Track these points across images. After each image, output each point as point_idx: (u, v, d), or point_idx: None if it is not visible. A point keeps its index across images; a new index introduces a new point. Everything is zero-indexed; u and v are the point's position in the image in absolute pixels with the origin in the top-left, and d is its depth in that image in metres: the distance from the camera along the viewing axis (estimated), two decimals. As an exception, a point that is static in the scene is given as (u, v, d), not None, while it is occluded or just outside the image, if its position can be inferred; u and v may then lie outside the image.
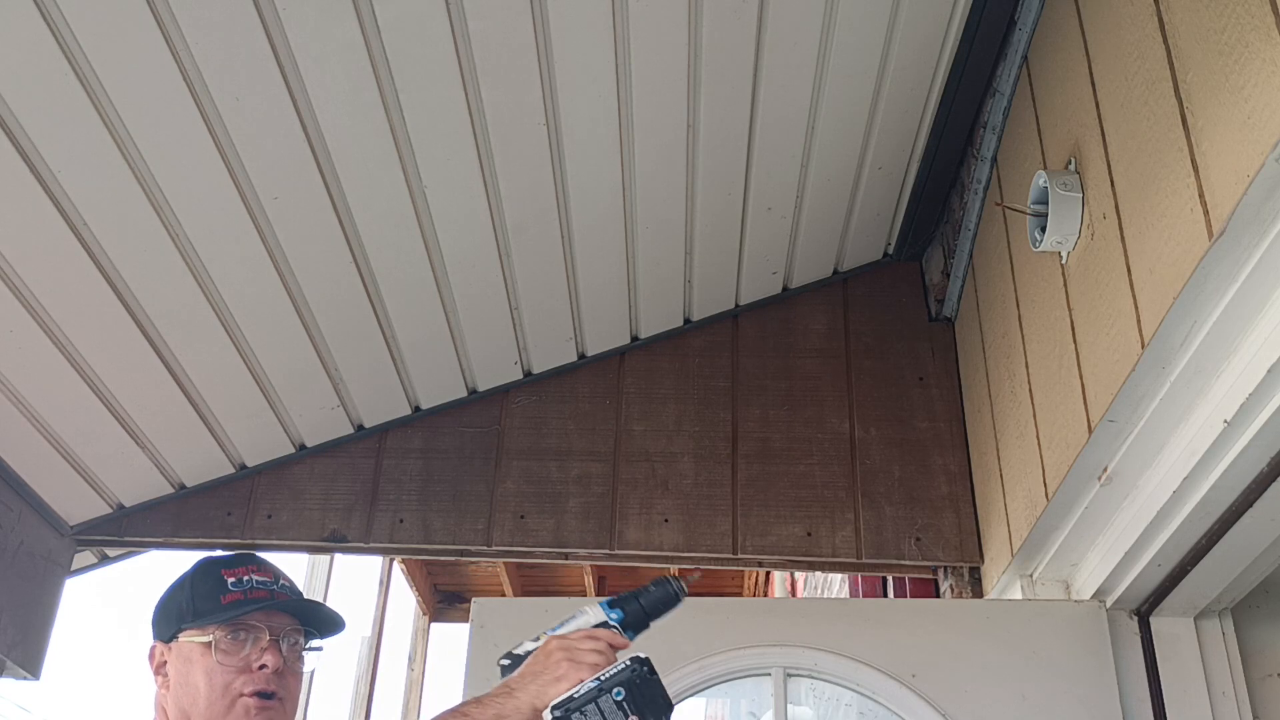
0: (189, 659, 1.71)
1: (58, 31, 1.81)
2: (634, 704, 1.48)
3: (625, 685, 1.48)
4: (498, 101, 2.21)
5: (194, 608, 1.73)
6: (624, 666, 1.51)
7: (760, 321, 3.16)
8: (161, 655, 1.74)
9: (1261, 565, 2.13)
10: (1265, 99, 1.41)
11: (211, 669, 1.69)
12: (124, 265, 2.27)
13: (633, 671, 1.50)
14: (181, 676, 1.70)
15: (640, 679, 1.49)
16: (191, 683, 1.70)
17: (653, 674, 1.51)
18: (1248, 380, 1.66)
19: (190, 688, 1.70)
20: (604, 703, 1.47)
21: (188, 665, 1.71)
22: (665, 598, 1.64)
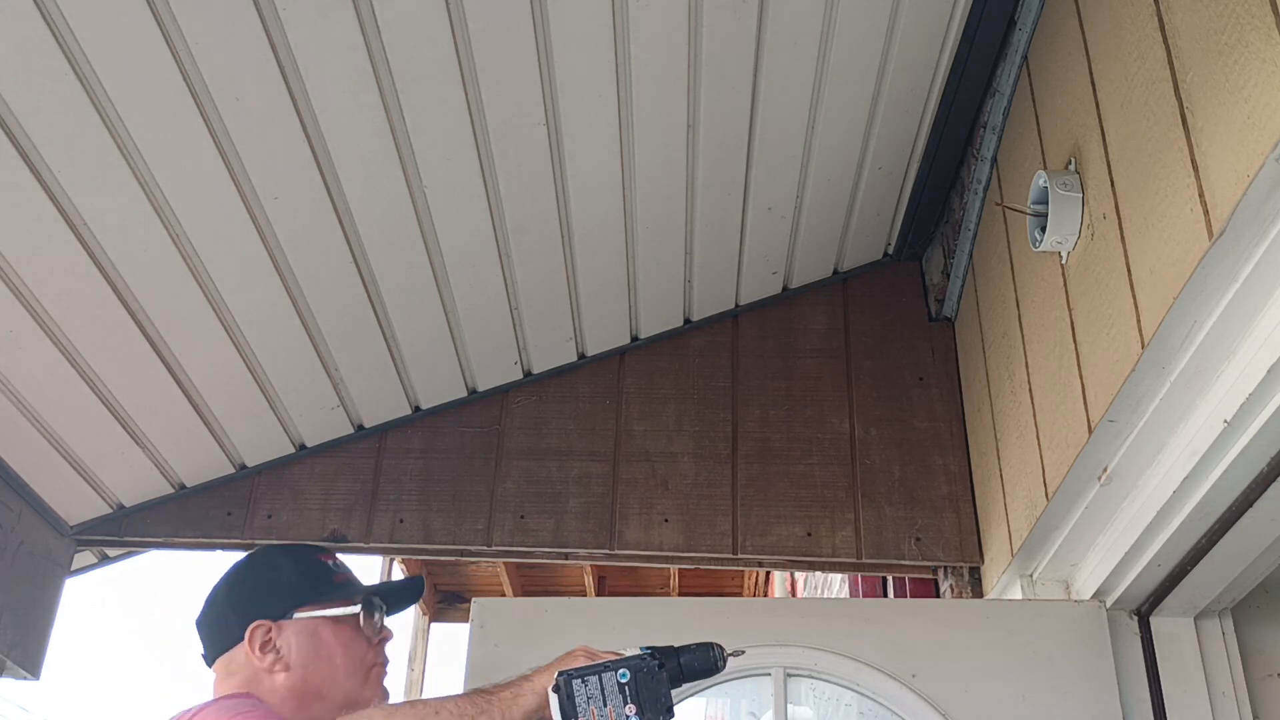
0: (315, 634, 1.79)
1: (58, 31, 1.81)
2: (635, 691, 1.49)
3: (632, 670, 1.50)
4: (498, 101, 2.21)
5: (313, 586, 1.83)
6: (636, 654, 1.52)
7: (760, 321, 3.16)
8: (268, 633, 1.78)
9: (1261, 565, 2.14)
10: (1265, 99, 1.41)
11: (349, 641, 1.80)
12: (124, 265, 2.27)
13: (642, 661, 1.51)
14: (310, 651, 1.78)
15: (648, 670, 1.51)
16: (325, 656, 1.79)
17: (662, 670, 1.52)
18: (1248, 380, 1.66)
19: (324, 661, 1.78)
20: (607, 679, 1.49)
21: (315, 640, 1.79)
22: (704, 661, 1.63)
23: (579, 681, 1.49)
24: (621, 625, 2.42)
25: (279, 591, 1.84)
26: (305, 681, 1.77)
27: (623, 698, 1.49)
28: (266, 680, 1.77)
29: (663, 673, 1.52)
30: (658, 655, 1.59)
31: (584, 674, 1.50)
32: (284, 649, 1.78)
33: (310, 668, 1.77)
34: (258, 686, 1.77)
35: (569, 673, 1.51)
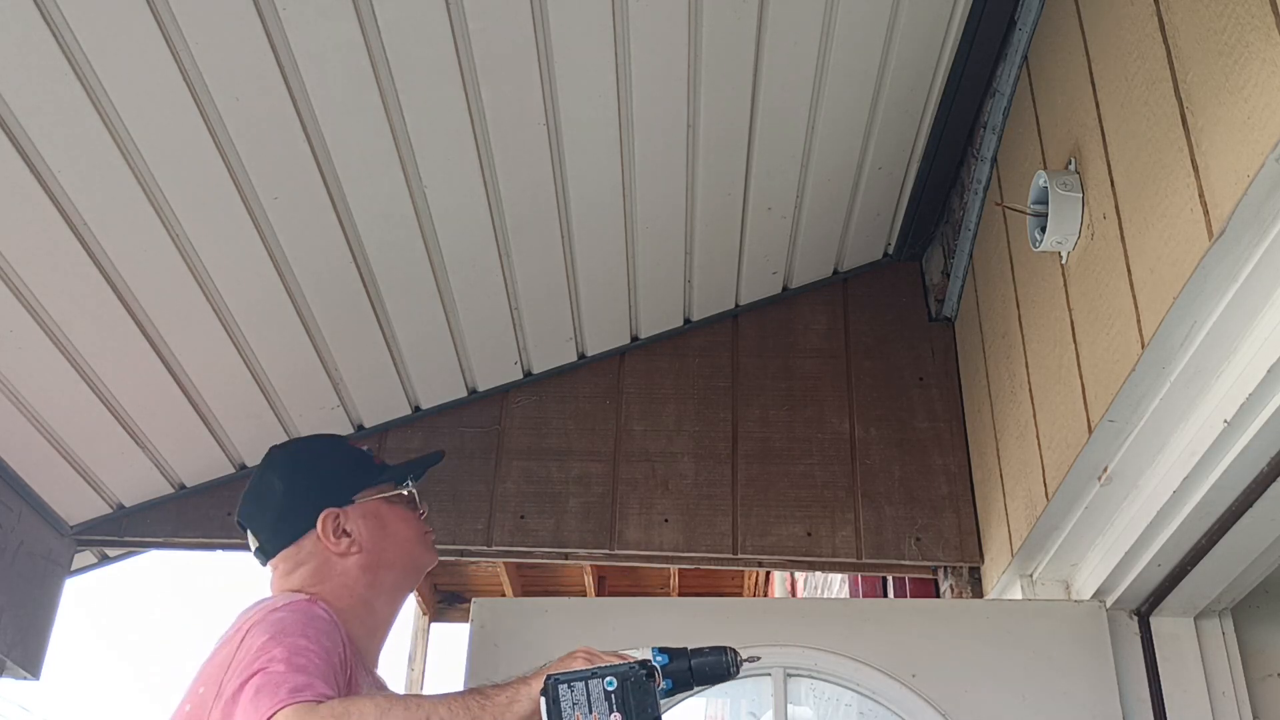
0: (378, 514, 1.93)
1: (58, 31, 1.81)
2: (621, 699, 1.49)
3: (620, 678, 1.49)
4: (498, 101, 2.21)
5: (365, 472, 1.97)
6: (626, 664, 1.51)
7: (760, 321, 3.16)
8: (337, 519, 1.89)
9: (1261, 565, 2.14)
10: (1265, 99, 1.41)
11: (407, 517, 1.96)
12: (124, 265, 2.27)
13: (630, 670, 1.50)
14: (378, 530, 1.91)
15: (635, 679, 1.50)
16: (393, 532, 1.93)
17: (650, 680, 1.51)
18: (1248, 380, 1.66)
19: (394, 536, 1.92)
20: (593, 685, 1.49)
21: (379, 519, 1.93)
22: (717, 666, 1.62)
23: (565, 687, 1.49)
24: (621, 625, 2.42)
25: (338, 480, 1.95)
26: (378, 558, 1.89)
27: (608, 705, 1.49)
28: (338, 564, 1.87)
29: (650, 683, 1.51)
30: (670, 656, 1.59)
31: (571, 679, 1.49)
32: (354, 532, 1.89)
33: (381, 544, 1.90)
34: (329, 571, 1.86)
35: (556, 677, 1.51)
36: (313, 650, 1.62)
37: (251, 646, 1.64)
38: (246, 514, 1.99)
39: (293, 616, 1.68)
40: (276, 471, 1.99)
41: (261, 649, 1.62)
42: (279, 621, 1.67)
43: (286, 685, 1.54)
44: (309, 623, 1.68)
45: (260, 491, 1.98)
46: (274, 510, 1.94)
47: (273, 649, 1.61)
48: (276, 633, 1.64)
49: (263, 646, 1.62)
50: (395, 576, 1.93)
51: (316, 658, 1.61)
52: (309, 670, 1.58)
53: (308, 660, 1.60)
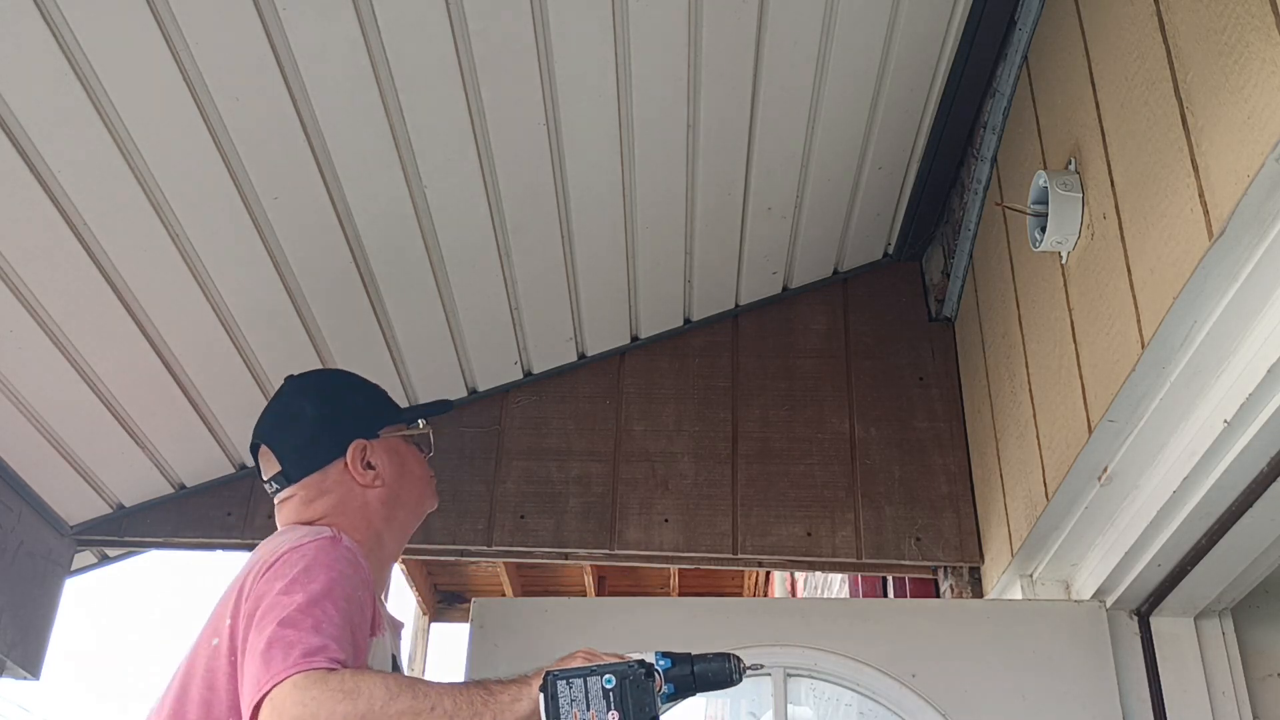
0: (397, 451, 1.96)
1: (58, 32, 1.81)
2: (619, 697, 1.48)
3: (618, 676, 1.49)
4: (498, 101, 2.21)
5: (389, 408, 2.03)
6: (626, 663, 1.51)
7: (760, 321, 3.16)
8: (365, 451, 1.92)
9: (1261, 565, 2.14)
10: (1265, 99, 1.41)
11: (420, 458, 2.00)
12: (124, 265, 2.27)
13: (630, 669, 1.50)
14: (398, 467, 1.95)
15: (634, 679, 1.49)
16: (409, 470, 1.96)
17: (649, 679, 1.50)
18: (1248, 380, 1.66)
19: (409, 475, 1.96)
20: (592, 683, 1.48)
21: (398, 456, 1.96)
22: (720, 673, 1.61)
23: (563, 683, 1.49)
24: (621, 625, 2.42)
25: (368, 412, 1.99)
26: (396, 495, 1.92)
27: (606, 703, 1.48)
28: (360, 496, 1.89)
29: (649, 682, 1.50)
30: (674, 661, 1.59)
31: (570, 676, 1.49)
32: (378, 466, 1.92)
33: (399, 481, 1.93)
34: (350, 503, 1.88)
35: (555, 674, 1.51)
36: (333, 602, 1.61)
37: (272, 588, 1.63)
38: (270, 435, 1.98)
39: (319, 557, 1.67)
40: (307, 397, 2.01)
41: (283, 592, 1.61)
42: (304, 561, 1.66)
43: (300, 647, 1.53)
44: (333, 565, 1.66)
45: (288, 415, 1.99)
46: (304, 434, 1.95)
47: (295, 595, 1.60)
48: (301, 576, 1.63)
49: (285, 589, 1.61)
50: (406, 515, 1.96)
51: (335, 611, 1.60)
52: (324, 629, 1.56)
53: (325, 615, 1.58)
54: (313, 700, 1.48)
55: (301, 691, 1.49)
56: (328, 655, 1.53)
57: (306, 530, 1.77)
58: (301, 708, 1.48)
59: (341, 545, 1.71)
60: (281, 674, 1.50)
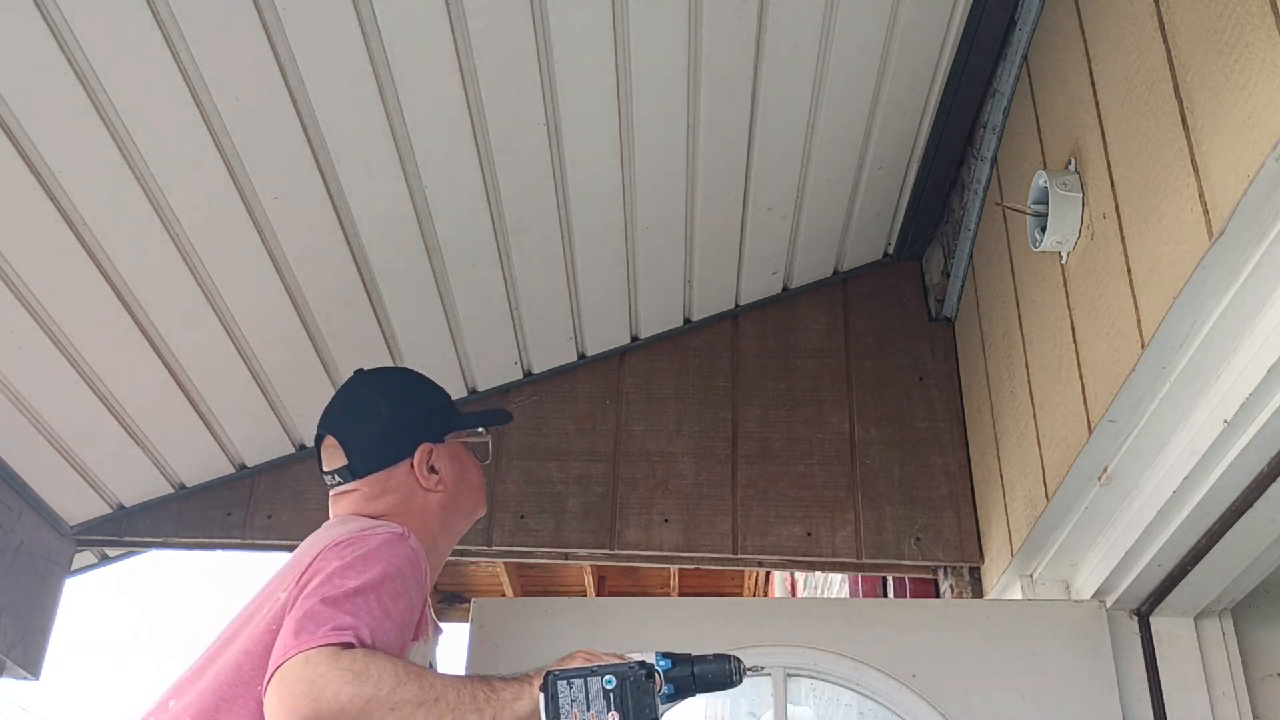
0: (459, 457, 1.99)
1: (58, 31, 1.81)
2: (619, 698, 1.49)
3: (619, 677, 1.49)
4: (498, 101, 2.21)
5: (455, 414, 2.04)
6: (626, 663, 1.51)
7: (760, 321, 3.16)
8: (431, 455, 1.95)
9: (1261, 565, 2.14)
10: (1265, 99, 1.41)
11: (477, 465, 2.02)
12: (124, 265, 2.27)
13: (630, 669, 1.50)
14: (459, 473, 1.97)
15: (635, 679, 1.49)
16: (469, 478, 1.99)
17: (649, 680, 1.50)
18: (1248, 380, 1.66)
19: (468, 482, 1.98)
20: (592, 683, 1.49)
21: (459, 463, 1.98)
22: (720, 674, 1.61)
23: (564, 684, 1.49)
24: (621, 625, 2.42)
25: (438, 416, 2.01)
26: (455, 500, 1.94)
27: (606, 703, 1.49)
28: (421, 499, 1.91)
29: (650, 683, 1.50)
30: (674, 662, 1.59)
31: (570, 676, 1.50)
32: (441, 471, 1.94)
33: (459, 487, 1.96)
34: (412, 504, 1.90)
35: (555, 674, 1.51)
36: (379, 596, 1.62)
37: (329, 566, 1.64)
38: (340, 428, 1.98)
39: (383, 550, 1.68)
40: (381, 394, 2.01)
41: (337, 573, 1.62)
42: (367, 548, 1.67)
43: (330, 624, 1.54)
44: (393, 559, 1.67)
45: (361, 409, 1.99)
46: (376, 432, 1.95)
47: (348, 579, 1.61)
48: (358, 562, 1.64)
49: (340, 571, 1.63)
50: (460, 521, 1.98)
51: (378, 605, 1.61)
52: (362, 614, 1.57)
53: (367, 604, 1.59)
54: (320, 677, 1.49)
55: (310, 667, 1.50)
56: (354, 633, 1.53)
57: (376, 523, 1.80)
58: (307, 684, 1.49)
59: (408, 544, 1.73)
60: (300, 647, 1.52)
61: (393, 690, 1.49)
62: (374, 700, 1.48)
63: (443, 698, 1.52)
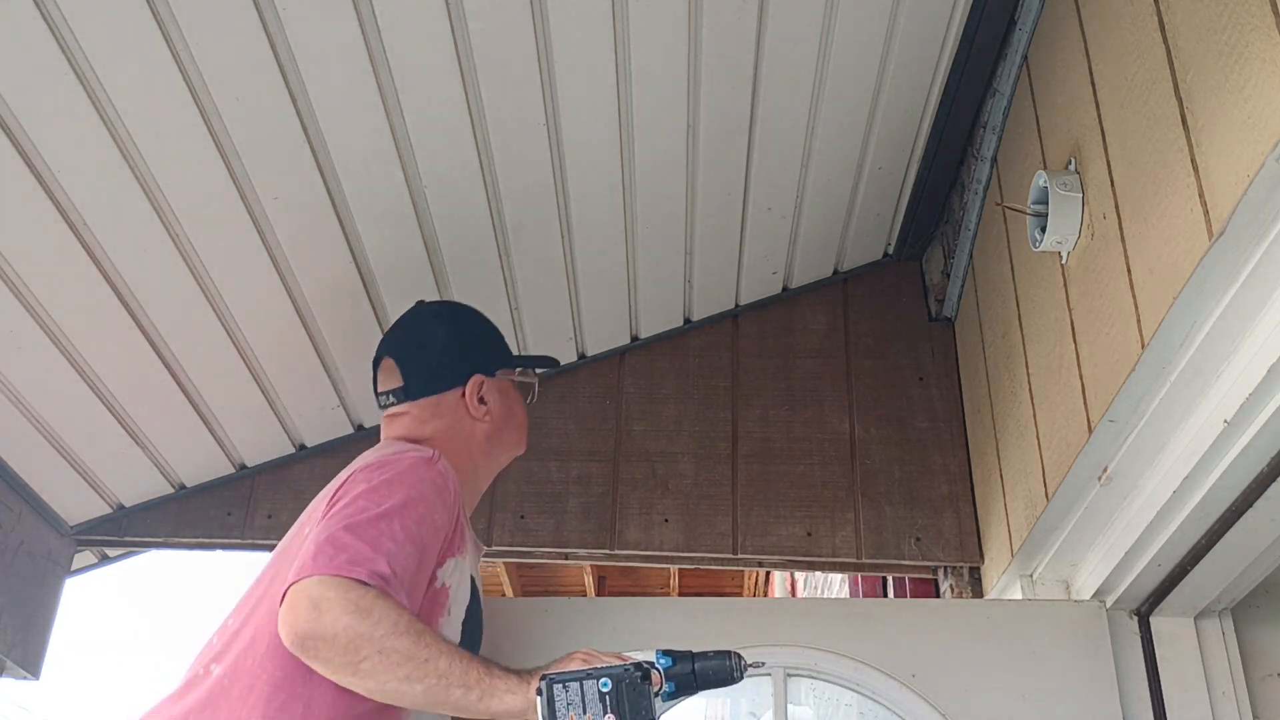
0: (507, 393, 2.09)
1: (58, 31, 1.81)
2: (615, 700, 1.49)
3: (614, 679, 1.49)
4: (498, 101, 2.21)
5: (507, 352, 2.15)
6: (622, 665, 1.51)
7: (760, 321, 3.16)
8: (482, 387, 2.05)
9: (1261, 565, 2.14)
10: (1265, 99, 1.41)
11: (522, 404, 2.11)
12: (124, 265, 2.27)
13: (626, 671, 1.50)
14: (506, 408, 2.06)
15: (630, 681, 1.50)
16: (514, 414, 2.08)
17: (645, 682, 1.51)
18: (1248, 380, 1.66)
19: (513, 418, 2.08)
20: (588, 686, 1.49)
21: (507, 399, 2.08)
22: (721, 671, 1.62)
23: (560, 687, 1.50)
24: (621, 625, 2.42)
25: (492, 350, 2.12)
26: (499, 433, 2.03)
27: (602, 706, 1.49)
28: (468, 428, 2.01)
29: (646, 685, 1.51)
30: (674, 659, 1.59)
31: (566, 679, 1.50)
32: (490, 403, 2.04)
33: (505, 421, 2.05)
34: (458, 432, 1.99)
35: (551, 677, 1.51)
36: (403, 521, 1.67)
37: (355, 489, 1.72)
38: (399, 352, 2.08)
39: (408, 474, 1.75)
40: (441, 323, 2.13)
41: (362, 496, 1.70)
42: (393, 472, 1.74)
43: (348, 553, 1.60)
44: (418, 484, 1.74)
45: (420, 335, 2.10)
46: (433, 358, 2.06)
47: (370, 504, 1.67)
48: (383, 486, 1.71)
49: (364, 494, 1.70)
50: (501, 454, 2.07)
51: (402, 531, 1.66)
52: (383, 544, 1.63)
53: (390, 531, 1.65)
54: (325, 601, 1.54)
55: (320, 590, 1.55)
56: (370, 569, 1.58)
57: (410, 446, 1.87)
58: (313, 604, 1.54)
59: (436, 467, 1.80)
60: (317, 570, 1.57)
61: (386, 635, 1.53)
62: (366, 638, 1.53)
63: (433, 660, 1.54)
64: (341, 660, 1.54)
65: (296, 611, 1.56)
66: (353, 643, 1.53)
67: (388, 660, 1.53)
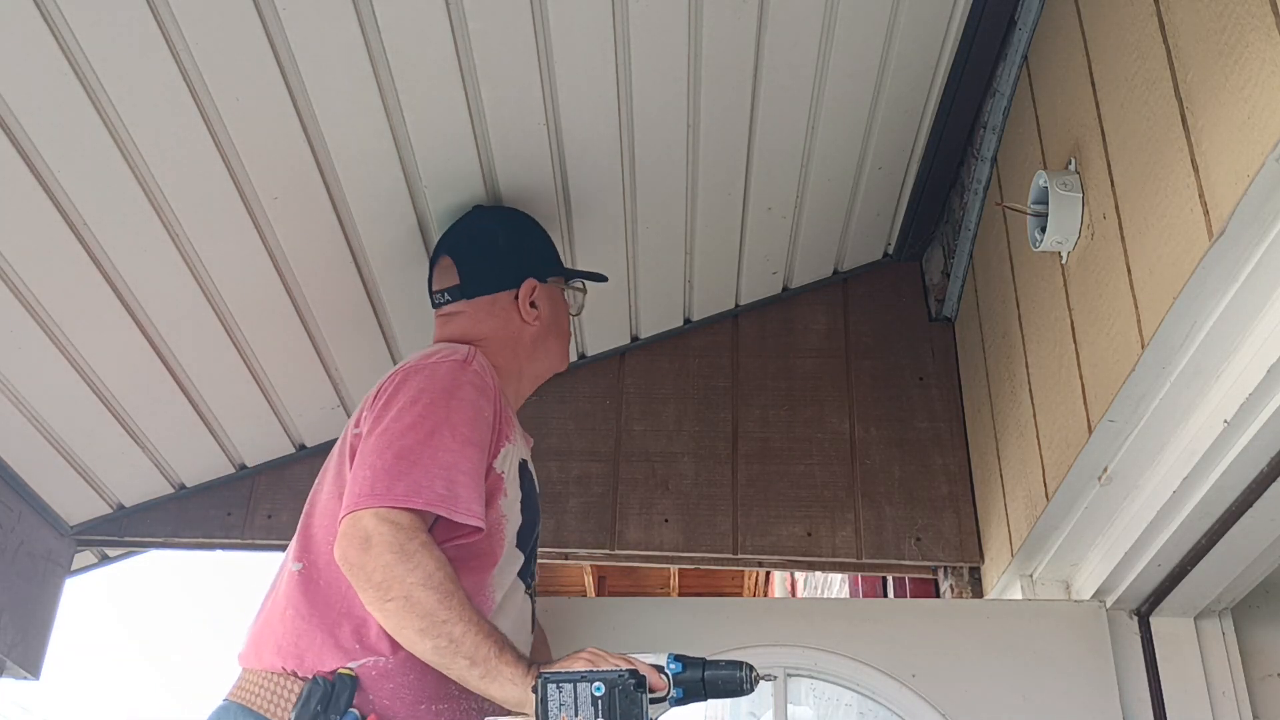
0: (556, 301, 2.14)
1: (58, 31, 1.81)
2: (607, 705, 1.49)
3: (607, 685, 1.49)
4: (498, 101, 2.21)
5: (555, 258, 2.18)
6: (617, 671, 1.51)
7: (760, 321, 3.16)
8: (534, 291, 2.10)
9: (1261, 565, 2.14)
10: (1265, 99, 1.41)
11: (568, 314, 2.17)
12: (124, 265, 2.27)
13: (620, 677, 1.50)
14: (552, 315, 2.11)
15: (623, 688, 1.49)
16: (560, 321, 2.14)
17: (639, 690, 1.50)
18: (1248, 380, 1.66)
19: (558, 326, 2.13)
20: (581, 689, 1.50)
21: (556, 306, 2.13)
22: (730, 681, 1.63)
23: (554, 687, 1.51)
24: (622, 625, 2.42)
25: (547, 256, 2.16)
26: (544, 340, 2.09)
27: (594, 710, 1.49)
28: (517, 330, 2.07)
29: (640, 693, 1.50)
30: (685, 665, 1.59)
31: (561, 679, 1.51)
32: (540, 307, 2.09)
33: (551, 328, 2.10)
34: (508, 333, 2.06)
35: (546, 676, 1.52)
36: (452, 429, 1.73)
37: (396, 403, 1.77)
38: (457, 250, 2.15)
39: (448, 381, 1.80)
40: (501, 225, 2.20)
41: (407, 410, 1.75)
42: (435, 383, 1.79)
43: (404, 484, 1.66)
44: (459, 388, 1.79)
45: (479, 235, 2.16)
46: (490, 258, 2.12)
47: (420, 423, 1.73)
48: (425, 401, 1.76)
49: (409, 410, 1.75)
50: (545, 362, 2.11)
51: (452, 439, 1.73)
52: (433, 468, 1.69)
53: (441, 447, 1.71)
54: (376, 536, 1.62)
55: (374, 524, 1.63)
56: (428, 496, 1.66)
57: (445, 348, 1.91)
58: (363, 541, 1.62)
59: (472, 367, 1.85)
60: (375, 502, 1.64)
61: (416, 585, 1.60)
62: (399, 580, 1.60)
63: (451, 624, 1.59)
64: (373, 594, 1.62)
65: (350, 541, 1.64)
66: (386, 581, 1.60)
67: (409, 608, 1.60)
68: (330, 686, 1.64)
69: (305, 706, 1.63)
